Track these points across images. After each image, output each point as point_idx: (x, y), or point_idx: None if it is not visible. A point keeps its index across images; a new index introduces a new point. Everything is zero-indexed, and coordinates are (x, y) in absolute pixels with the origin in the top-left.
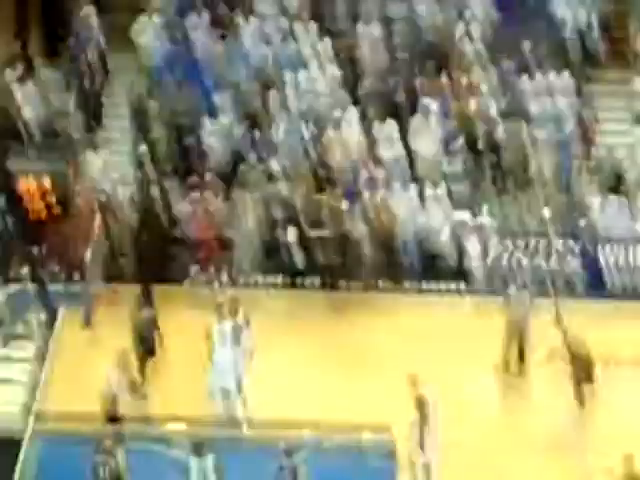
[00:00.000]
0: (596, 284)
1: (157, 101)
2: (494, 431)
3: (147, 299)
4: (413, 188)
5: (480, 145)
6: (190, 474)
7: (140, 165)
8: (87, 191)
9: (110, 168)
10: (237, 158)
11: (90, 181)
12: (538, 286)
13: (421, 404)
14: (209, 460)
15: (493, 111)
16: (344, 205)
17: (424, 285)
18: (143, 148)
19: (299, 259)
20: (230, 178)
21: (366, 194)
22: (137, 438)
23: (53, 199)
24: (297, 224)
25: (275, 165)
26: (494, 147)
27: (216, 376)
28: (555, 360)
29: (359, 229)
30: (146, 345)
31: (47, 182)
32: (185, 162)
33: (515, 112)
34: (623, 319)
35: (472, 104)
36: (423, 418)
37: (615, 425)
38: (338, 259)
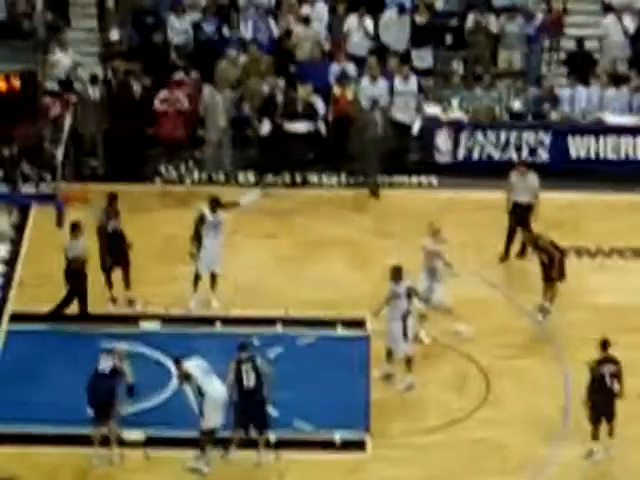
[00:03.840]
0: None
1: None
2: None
3: (113, 210)
4: (383, 82)
5: (448, 39)
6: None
7: (108, 62)
8: (57, 90)
9: (79, 67)
10: (210, 55)
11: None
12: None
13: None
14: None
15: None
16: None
17: (395, 179)
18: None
19: (271, 155)
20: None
21: (336, 88)
22: (113, 337)
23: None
24: (272, 118)
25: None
26: (463, 41)
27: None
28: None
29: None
30: (113, 257)
31: (17, 82)
32: (154, 61)
33: (481, 4)
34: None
35: None
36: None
37: None
38: (310, 155)
